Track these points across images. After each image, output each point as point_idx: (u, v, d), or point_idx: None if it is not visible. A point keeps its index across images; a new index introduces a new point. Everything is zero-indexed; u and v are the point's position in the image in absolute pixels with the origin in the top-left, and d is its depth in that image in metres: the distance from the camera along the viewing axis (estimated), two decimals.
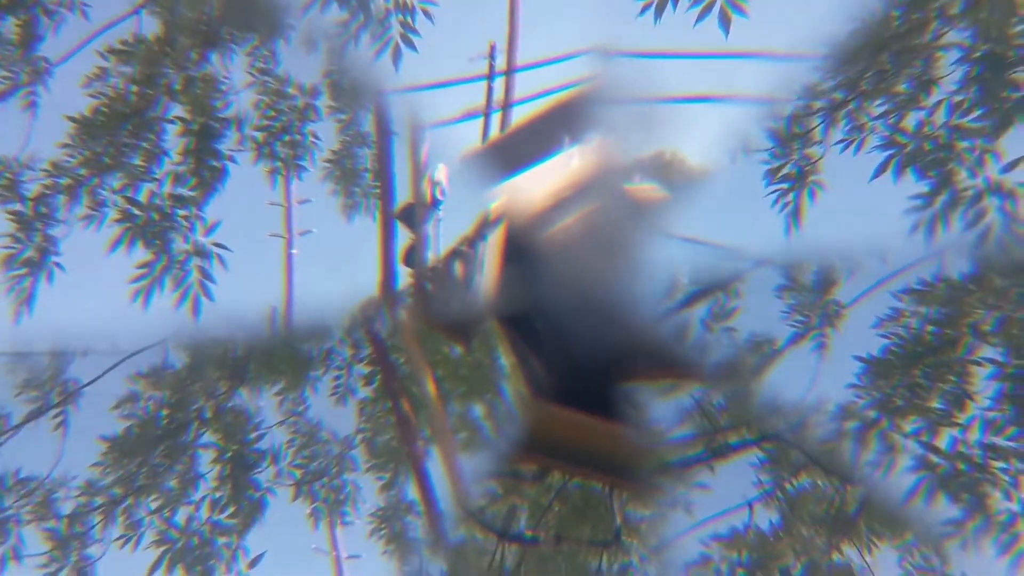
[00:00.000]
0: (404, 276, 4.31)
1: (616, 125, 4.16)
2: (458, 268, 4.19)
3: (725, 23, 4.10)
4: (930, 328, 4.03)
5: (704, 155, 4.12)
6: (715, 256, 4.06)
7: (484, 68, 4.31)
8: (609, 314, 3.91)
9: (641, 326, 3.97)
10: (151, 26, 4.42)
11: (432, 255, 4.25)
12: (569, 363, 3.99)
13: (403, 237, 4.30)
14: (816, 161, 4.05)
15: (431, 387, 4.23)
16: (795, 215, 4.05)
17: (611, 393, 3.98)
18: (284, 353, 4.31)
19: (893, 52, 4.04)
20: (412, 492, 4.34)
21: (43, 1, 4.37)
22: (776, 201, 4.09)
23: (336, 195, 4.38)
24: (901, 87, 4.00)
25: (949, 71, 3.98)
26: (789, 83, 4.06)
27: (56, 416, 4.34)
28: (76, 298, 4.38)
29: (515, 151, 4.20)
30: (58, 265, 4.33)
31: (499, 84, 4.32)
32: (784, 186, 4.07)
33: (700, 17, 4.10)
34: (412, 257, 4.26)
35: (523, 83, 4.37)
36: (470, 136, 4.33)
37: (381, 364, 4.30)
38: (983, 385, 3.96)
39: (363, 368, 4.37)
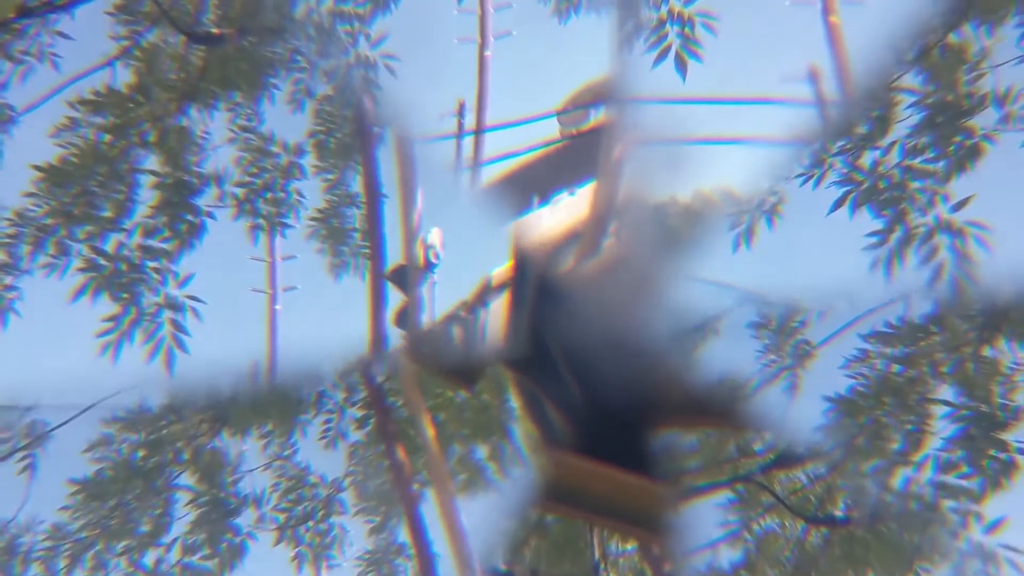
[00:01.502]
0: (396, 337, 4.17)
1: (628, 164, 4.12)
2: (456, 333, 4.06)
3: (681, 68, 4.08)
4: (895, 368, 4.09)
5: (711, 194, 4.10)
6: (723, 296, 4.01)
7: (452, 126, 4.25)
8: (629, 353, 3.81)
9: (663, 366, 3.87)
10: (125, 78, 4.24)
11: (427, 319, 4.12)
12: (587, 406, 3.86)
13: (395, 298, 4.17)
14: (779, 193, 4.05)
15: (429, 430, 4.07)
16: (747, 238, 4.04)
17: (630, 440, 3.85)
18: (272, 397, 4.10)
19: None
20: (404, 535, 4.24)
21: (8, 48, 4.16)
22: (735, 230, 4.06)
23: (323, 253, 4.21)
24: (859, 127, 4.02)
25: (904, 115, 4.13)
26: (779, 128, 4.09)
27: (22, 459, 4.02)
28: (43, 350, 4.17)
29: (528, 186, 4.14)
30: (14, 311, 4.03)
31: (468, 142, 4.26)
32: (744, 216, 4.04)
33: (657, 61, 4.11)
34: (405, 319, 4.13)
35: (494, 142, 4.30)
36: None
37: (376, 408, 4.18)
38: (940, 425, 4.05)
39: (356, 412, 4.25)
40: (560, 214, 4.17)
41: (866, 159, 4.14)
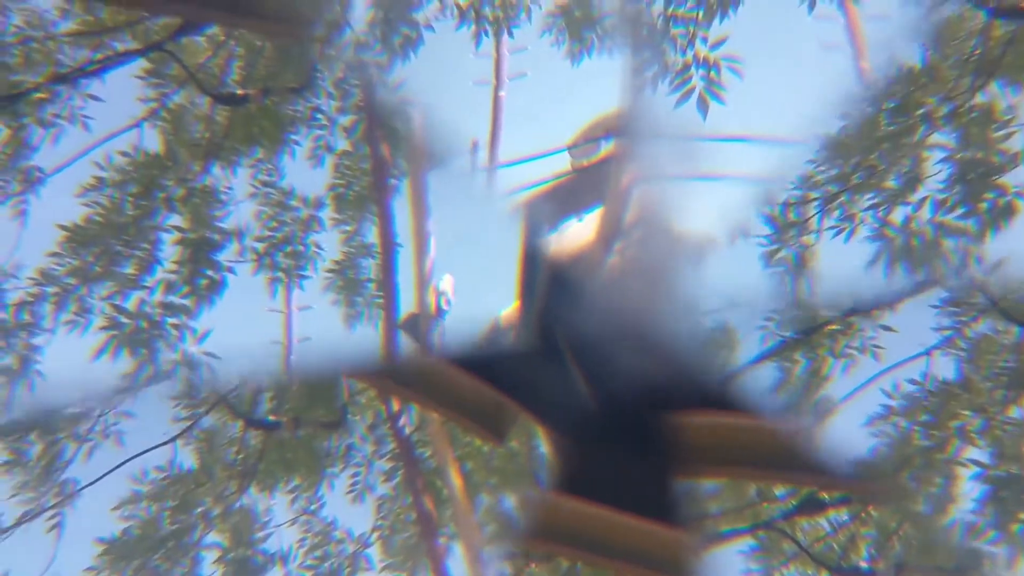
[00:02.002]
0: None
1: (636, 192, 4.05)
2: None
3: (703, 108, 3.98)
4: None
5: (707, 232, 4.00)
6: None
7: (467, 163, 4.22)
8: (641, 349, 3.70)
9: (675, 362, 3.75)
10: (152, 139, 4.29)
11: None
12: (596, 405, 3.76)
13: (407, 345, 4.13)
14: (812, 247, 3.92)
15: (457, 481, 3.98)
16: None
17: (642, 459, 3.75)
18: (300, 449, 4.08)
19: (882, 150, 4.10)
20: None
21: (40, 113, 4.25)
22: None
23: (338, 304, 4.19)
24: (890, 183, 3.87)
25: (935, 171, 4.08)
26: (785, 168, 3.97)
27: (51, 518, 4.06)
28: None
29: (540, 216, 4.10)
30: (39, 373, 4.07)
31: (482, 177, 4.23)
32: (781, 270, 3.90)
33: (679, 102, 4.03)
34: (414, 329, 4.10)
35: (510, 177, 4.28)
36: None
37: (404, 459, 4.08)
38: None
39: (384, 464, 4.12)
40: (570, 236, 4.12)
41: (897, 214, 4.02)
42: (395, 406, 4.23)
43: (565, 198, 4.24)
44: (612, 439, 3.85)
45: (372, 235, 4.35)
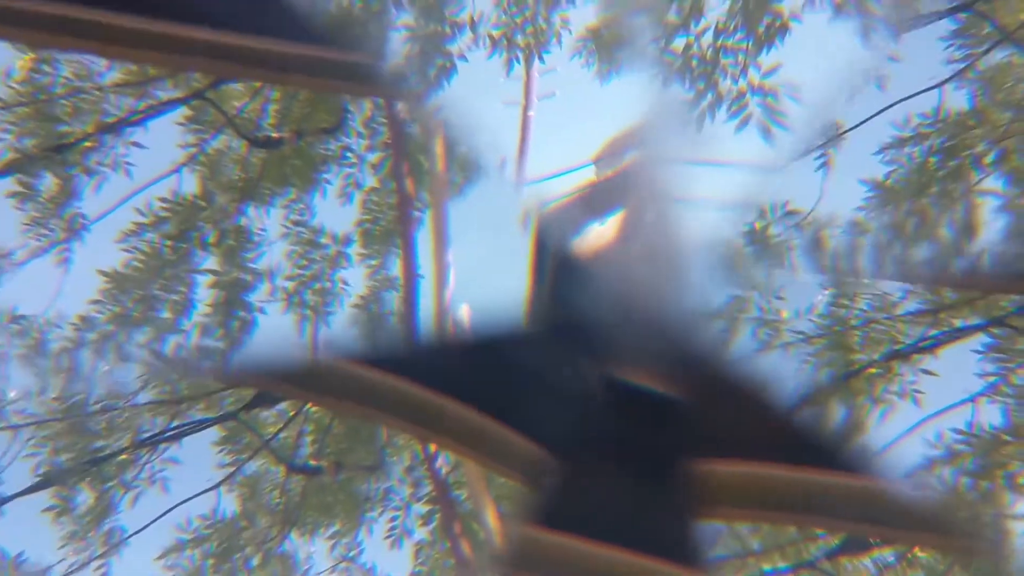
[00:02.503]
0: None
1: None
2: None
3: (766, 134, 3.87)
4: None
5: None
6: None
7: (496, 179, 4.16)
8: (652, 333, 3.55)
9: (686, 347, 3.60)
10: (190, 183, 4.34)
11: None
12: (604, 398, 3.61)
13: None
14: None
15: (494, 523, 3.90)
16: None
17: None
18: (340, 493, 4.07)
19: (933, 196, 3.88)
20: None
21: (86, 162, 4.33)
22: None
23: (362, 338, 4.16)
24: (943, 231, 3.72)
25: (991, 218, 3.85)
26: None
27: (98, 569, 4.26)
28: None
29: (564, 224, 4.02)
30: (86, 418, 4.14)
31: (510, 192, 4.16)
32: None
33: (739, 127, 3.91)
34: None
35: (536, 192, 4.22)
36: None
37: (441, 501, 4.01)
38: None
39: (421, 507, 4.06)
40: (589, 238, 4.04)
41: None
42: (432, 448, 4.17)
43: (587, 206, 4.16)
44: (612, 460, 3.70)
45: (395, 268, 4.32)
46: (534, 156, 4.33)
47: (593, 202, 4.11)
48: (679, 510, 3.49)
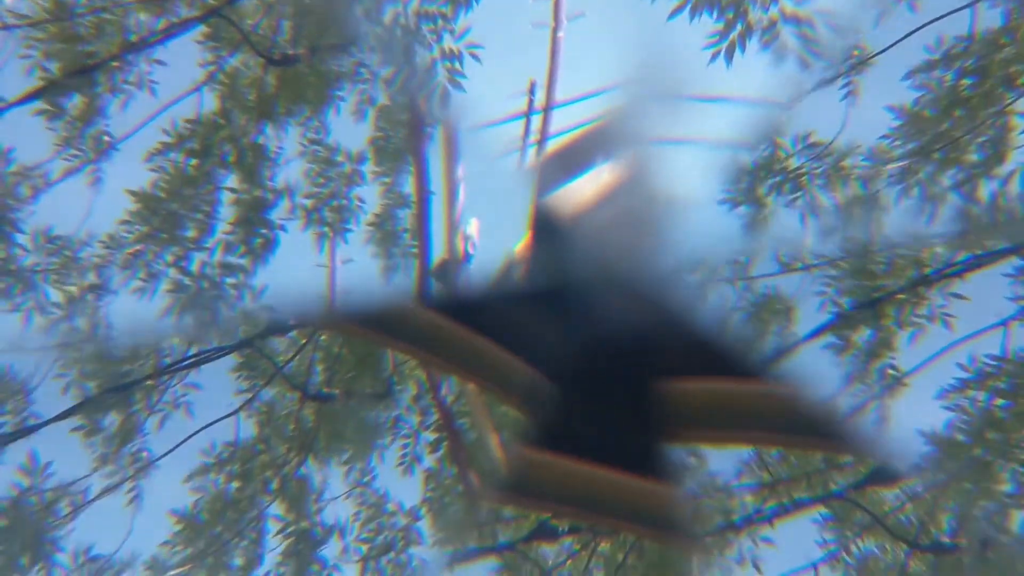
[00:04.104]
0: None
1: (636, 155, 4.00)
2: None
3: (798, 64, 3.91)
4: None
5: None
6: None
7: (523, 105, 4.20)
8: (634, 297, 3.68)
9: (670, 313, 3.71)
10: (211, 102, 4.43)
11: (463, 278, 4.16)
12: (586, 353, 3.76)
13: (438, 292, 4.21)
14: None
15: (497, 451, 4.05)
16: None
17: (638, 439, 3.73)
18: (351, 420, 4.21)
19: (963, 120, 3.85)
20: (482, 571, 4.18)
21: (112, 81, 4.43)
22: None
23: (377, 257, 4.28)
24: (973, 156, 3.73)
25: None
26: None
27: (130, 491, 4.30)
28: None
29: (553, 171, 4.09)
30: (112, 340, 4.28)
31: (538, 120, 4.20)
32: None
33: (771, 58, 3.94)
34: (444, 274, 4.17)
35: (562, 118, 4.24)
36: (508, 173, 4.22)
37: (447, 430, 4.14)
38: None
39: (430, 435, 4.19)
40: (575, 192, 4.12)
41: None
42: (436, 376, 4.29)
43: (575, 156, 4.21)
44: (598, 389, 3.85)
45: (408, 185, 4.41)
46: (564, 79, 4.36)
47: (579, 153, 4.18)
48: (654, 431, 3.67)
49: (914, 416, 3.85)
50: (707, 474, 3.99)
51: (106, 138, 4.48)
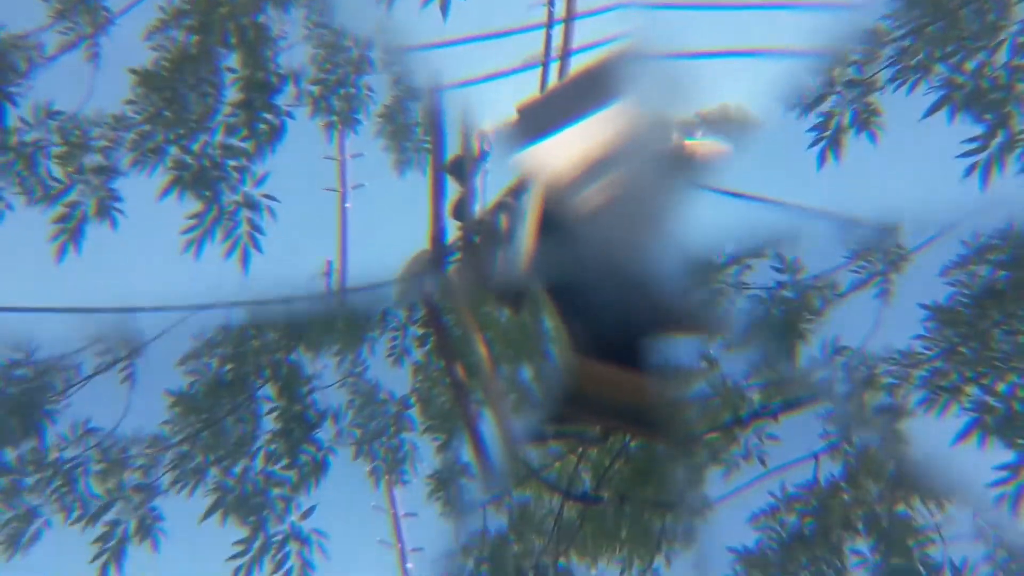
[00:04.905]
0: (453, 230, 4.20)
1: (659, 81, 3.98)
2: (503, 220, 4.07)
3: None
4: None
5: (756, 108, 3.92)
6: (764, 211, 3.85)
7: (542, 16, 4.16)
8: (641, 282, 3.74)
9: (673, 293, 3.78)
10: None
11: (479, 207, 4.14)
12: (599, 328, 3.83)
13: (452, 191, 4.20)
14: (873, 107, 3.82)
15: (482, 349, 4.11)
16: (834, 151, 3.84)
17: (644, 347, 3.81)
18: (341, 314, 4.23)
19: None
20: (468, 454, 4.23)
21: None
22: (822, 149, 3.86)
23: (388, 150, 4.26)
24: (967, 29, 3.75)
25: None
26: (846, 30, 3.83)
27: (123, 370, 4.29)
28: (134, 253, 4.33)
29: (550, 114, 4.07)
30: (118, 214, 4.25)
31: (556, 32, 4.17)
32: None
33: None
34: (461, 210, 4.17)
35: (582, 31, 4.21)
36: (520, 90, 4.19)
37: (434, 326, 4.19)
38: None
39: (417, 330, 4.23)
40: (577, 142, 4.11)
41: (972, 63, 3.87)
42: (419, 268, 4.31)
43: (561, 104, 4.19)
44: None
45: (419, 78, 4.38)
46: None
47: (567, 101, 4.15)
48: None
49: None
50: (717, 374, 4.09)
51: (103, 12, 4.40)
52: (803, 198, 3.94)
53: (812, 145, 3.98)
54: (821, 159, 3.99)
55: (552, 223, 3.99)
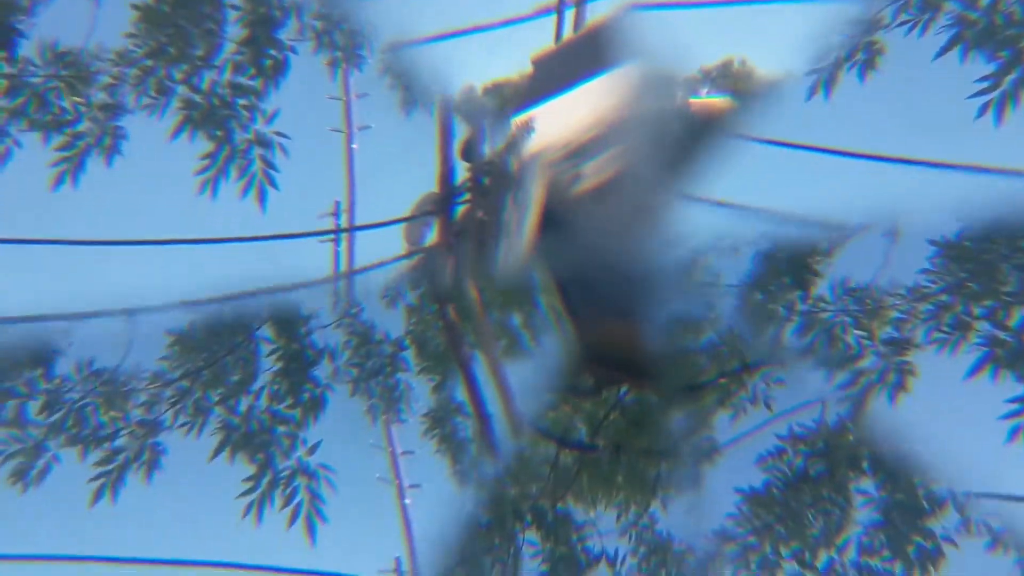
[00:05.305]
0: (462, 171, 4.18)
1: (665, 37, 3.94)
2: (512, 163, 4.06)
3: None
4: None
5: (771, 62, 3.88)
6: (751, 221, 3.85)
7: None
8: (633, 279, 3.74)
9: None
10: None
11: (488, 148, 4.12)
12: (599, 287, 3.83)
13: (461, 131, 4.18)
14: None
15: (473, 293, 4.12)
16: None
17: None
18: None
19: None
20: (461, 395, 4.23)
21: None
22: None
23: (395, 89, 4.24)
24: None
25: None
26: None
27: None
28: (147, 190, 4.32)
29: (565, 68, 4.04)
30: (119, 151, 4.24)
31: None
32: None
33: None
34: (470, 151, 4.14)
35: None
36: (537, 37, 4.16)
37: (426, 271, 4.20)
38: None
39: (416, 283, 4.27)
40: (580, 107, 4.07)
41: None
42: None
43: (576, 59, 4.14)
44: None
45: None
46: None
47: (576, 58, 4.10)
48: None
49: None
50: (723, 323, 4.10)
51: None
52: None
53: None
54: (811, 92, 3.95)
55: (557, 193, 3.98)
